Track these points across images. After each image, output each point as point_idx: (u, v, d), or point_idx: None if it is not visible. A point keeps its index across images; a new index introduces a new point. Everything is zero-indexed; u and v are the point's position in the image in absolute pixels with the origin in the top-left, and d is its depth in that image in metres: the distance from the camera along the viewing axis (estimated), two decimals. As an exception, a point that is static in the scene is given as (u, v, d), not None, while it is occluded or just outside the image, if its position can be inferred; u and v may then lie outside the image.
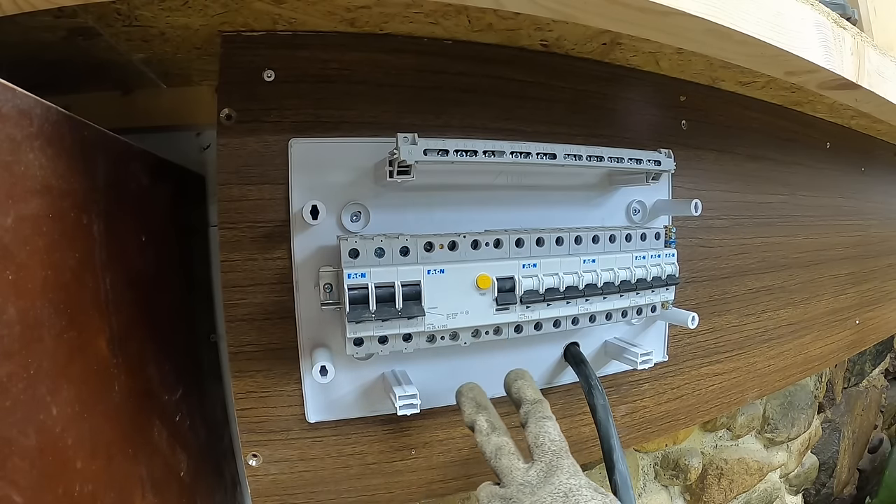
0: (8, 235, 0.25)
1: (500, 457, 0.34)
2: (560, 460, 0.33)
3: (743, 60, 0.42)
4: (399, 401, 0.38)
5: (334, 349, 0.41)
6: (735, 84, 0.58)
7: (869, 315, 0.90)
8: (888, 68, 0.51)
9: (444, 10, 0.37)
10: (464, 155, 0.36)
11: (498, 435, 0.35)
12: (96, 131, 0.34)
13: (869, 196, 0.88)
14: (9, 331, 0.25)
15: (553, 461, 0.33)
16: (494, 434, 0.36)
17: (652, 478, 0.93)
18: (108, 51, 0.42)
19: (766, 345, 0.69)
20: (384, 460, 0.44)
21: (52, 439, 0.27)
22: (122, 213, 0.37)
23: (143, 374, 0.39)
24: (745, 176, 0.64)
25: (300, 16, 0.37)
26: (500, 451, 0.34)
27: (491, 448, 0.35)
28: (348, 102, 0.41)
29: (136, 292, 0.38)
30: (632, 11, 0.33)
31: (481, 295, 0.38)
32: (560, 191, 0.47)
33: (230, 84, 0.38)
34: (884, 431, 1.58)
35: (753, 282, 0.66)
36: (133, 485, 0.35)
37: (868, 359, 1.44)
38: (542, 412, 0.36)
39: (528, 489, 0.32)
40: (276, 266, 0.39)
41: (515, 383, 0.40)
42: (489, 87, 0.45)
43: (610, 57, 0.49)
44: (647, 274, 0.45)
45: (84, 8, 0.34)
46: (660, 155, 0.45)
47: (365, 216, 0.41)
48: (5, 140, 0.25)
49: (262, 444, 0.41)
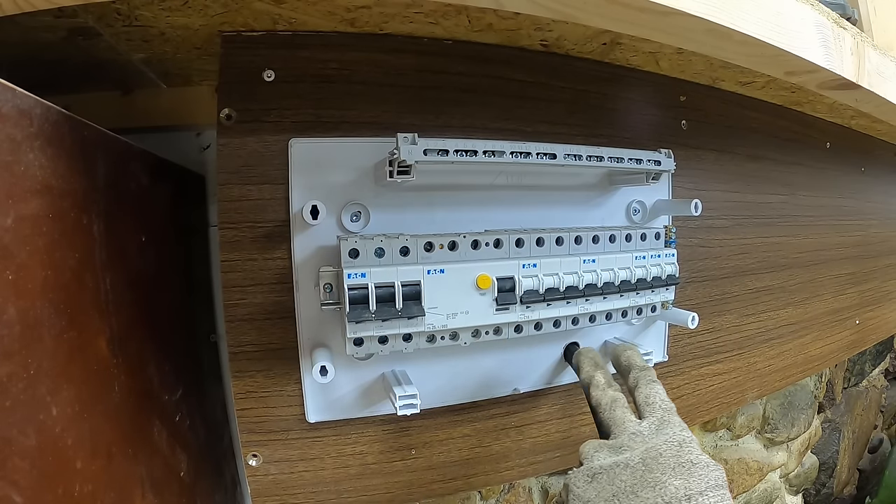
0: (8, 235, 0.25)
1: (614, 408, 0.35)
2: (671, 416, 0.34)
3: (743, 60, 0.42)
4: (399, 401, 0.38)
5: (334, 349, 0.41)
6: (735, 84, 0.58)
7: (869, 315, 0.90)
8: (888, 68, 0.51)
9: (444, 10, 0.37)
10: (464, 155, 0.36)
11: (614, 389, 0.37)
12: (96, 131, 0.34)
13: (869, 196, 0.88)
14: (9, 331, 0.25)
15: (665, 417, 0.34)
16: (611, 388, 0.37)
17: (652, 478, 0.93)
18: (108, 51, 0.42)
19: (766, 345, 0.69)
20: (384, 460, 0.44)
21: (52, 439, 0.27)
22: (122, 213, 0.37)
23: (143, 374, 0.39)
24: (745, 176, 0.64)
25: (300, 16, 0.37)
26: (616, 403, 0.36)
27: (607, 399, 0.36)
28: (348, 102, 0.41)
29: (136, 292, 0.38)
30: (632, 11, 0.33)
31: (481, 295, 0.38)
32: (560, 191, 0.47)
33: (230, 84, 0.38)
34: (884, 431, 1.58)
35: (753, 282, 0.66)
36: (133, 485, 0.35)
37: (868, 359, 1.44)
38: (651, 377, 0.38)
39: (639, 438, 0.32)
40: (276, 266, 0.39)
41: (625, 353, 0.42)
42: (489, 87, 0.45)
43: (610, 57, 0.49)
44: (647, 274, 0.45)
45: (84, 8, 0.34)
46: (660, 155, 0.45)
47: (365, 216, 0.41)
48: (5, 140, 0.25)
49: (262, 444, 0.41)
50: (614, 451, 0.32)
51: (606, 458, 0.32)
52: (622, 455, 0.32)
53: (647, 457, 0.31)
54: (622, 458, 0.31)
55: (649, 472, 0.30)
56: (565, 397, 0.51)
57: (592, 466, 0.32)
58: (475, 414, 0.47)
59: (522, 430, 0.50)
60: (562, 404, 0.51)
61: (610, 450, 0.32)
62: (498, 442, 0.49)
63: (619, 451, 0.32)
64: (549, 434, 0.51)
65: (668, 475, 0.30)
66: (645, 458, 0.31)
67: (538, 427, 0.50)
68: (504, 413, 0.48)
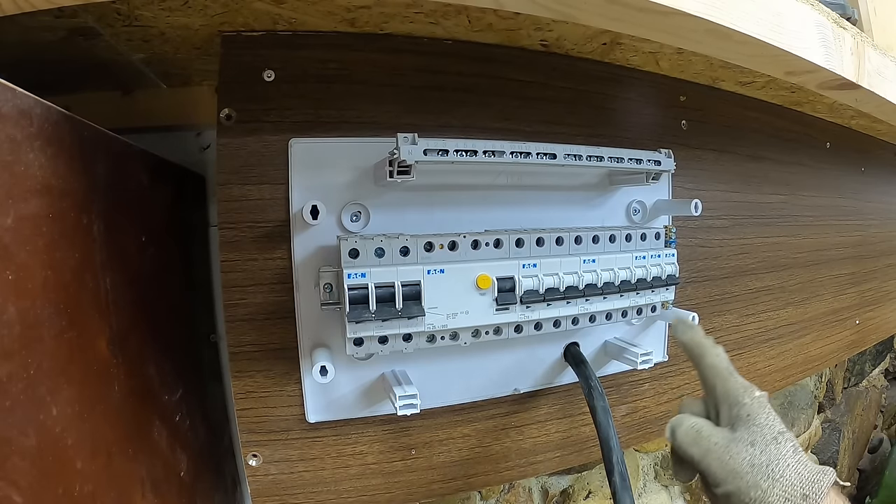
0: (8, 235, 0.25)
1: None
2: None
3: (743, 60, 0.42)
4: (399, 401, 0.38)
5: (334, 349, 0.41)
6: (735, 84, 0.58)
7: (869, 315, 0.90)
8: (888, 68, 0.51)
9: (444, 10, 0.37)
10: (464, 155, 0.36)
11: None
12: (96, 131, 0.34)
13: (869, 196, 0.88)
14: (9, 331, 0.25)
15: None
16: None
17: (652, 478, 0.93)
18: (108, 51, 0.42)
19: (766, 345, 0.68)
20: (384, 460, 0.44)
21: (52, 439, 0.27)
22: (122, 213, 0.37)
23: (143, 374, 0.39)
24: (745, 176, 0.64)
25: (300, 16, 0.37)
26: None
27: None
28: (348, 102, 0.41)
29: (136, 292, 0.38)
30: (632, 11, 0.33)
31: (481, 295, 0.38)
32: (560, 191, 0.47)
33: (230, 84, 0.38)
34: (884, 431, 1.58)
35: (753, 282, 0.66)
36: (133, 485, 0.35)
37: (868, 359, 1.44)
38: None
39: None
40: (276, 266, 0.39)
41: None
42: (489, 87, 0.45)
43: (610, 57, 0.49)
44: (647, 274, 0.45)
45: (84, 8, 0.34)
46: (660, 155, 0.45)
47: (365, 216, 0.41)
48: (5, 140, 0.25)
49: (262, 444, 0.41)
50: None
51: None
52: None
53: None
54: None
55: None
56: (565, 397, 0.51)
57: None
58: (475, 414, 0.47)
59: (522, 430, 0.50)
60: (562, 404, 0.51)
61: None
62: (498, 442, 0.49)
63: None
64: (549, 434, 0.51)
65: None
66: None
67: (538, 427, 0.50)
68: (504, 413, 0.48)
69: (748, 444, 0.31)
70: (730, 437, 0.32)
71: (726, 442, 0.32)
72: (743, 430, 0.32)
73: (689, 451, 0.33)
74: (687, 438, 0.34)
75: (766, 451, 0.31)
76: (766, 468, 0.30)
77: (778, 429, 0.32)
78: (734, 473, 0.31)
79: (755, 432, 0.32)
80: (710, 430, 0.33)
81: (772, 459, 0.30)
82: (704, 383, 0.37)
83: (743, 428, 0.32)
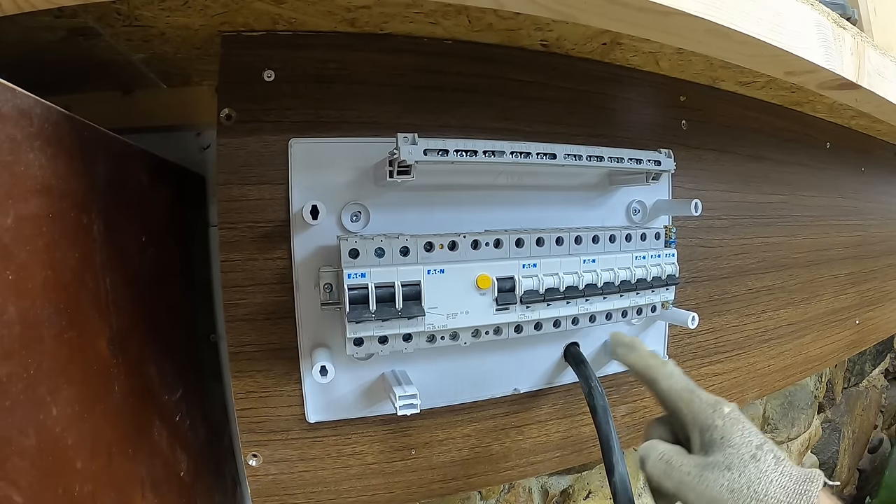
0: (8, 235, 0.25)
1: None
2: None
3: (743, 60, 0.42)
4: (399, 401, 0.38)
5: (334, 349, 0.41)
6: (735, 84, 0.58)
7: (869, 315, 0.90)
8: (888, 68, 0.51)
9: (444, 10, 0.37)
10: (464, 155, 0.36)
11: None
12: (96, 131, 0.34)
13: (869, 196, 0.88)
14: (9, 331, 0.25)
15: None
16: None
17: (652, 478, 0.93)
18: (108, 51, 0.42)
19: (766, 345, 0.68)
20: (384, 460, 0.44)
21: (52, 439, 0.27)
22: (122, 213, 0.37)
23: (143, 374, 0.39)
24: (745, 176, 0.64)
25: (300, 16, 0.37)
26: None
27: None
28: (348, 102, 0.41)
29: (136, 292, 0.38)
30: (632, 11, 0.33)
31: (481, 295, 0.38)
32: (560, 191, 0.47)
33: (230, 84, 0.38)
34: (884, 431, 1.58)
35: (753, 282, 0.66)
36: (133, 485, 0.35)
37: (868, 359, 1.44)
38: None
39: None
40: (276, 266, 0.39)
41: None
42: (489, 87, 0.45)
43: (610, 57, 0.49)
44: (647, 274, 0.45)
45: (84, 8, 0.34)
46: (660, 155, 0.45)
47: (365, 216, 0.41)
48: (5, 140, 0.25)
49: (262, 444, 0.41)
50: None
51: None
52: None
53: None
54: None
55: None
56: (565, 397, 0.51)
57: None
58: (475, 414, 0.47)
59: (522, 430, 0.50)
60: (562, 404, 0.51)
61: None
62: (498, 442, 0.49)
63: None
64: (549, 434, 0.51)
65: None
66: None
67: (538, 427, 0.50)
68: (504, 413, 0.48)
69: (724, 469, 0.29)
70: (703, 463, 0.30)
71: (699, 470, 0.30)
72: (718, 454, 0.30)
73: (662, 484, 0.31)
74: (656, 471, 0.32)
75: (744, 473, 0.29)
76: (747, 490, 0.28)
77: (756, 443, 0.30)
78: (714, 502, 0.29)
79: (731, 454, 0.30)
80: (680, 460, 0.31)
81: (752, 480, 0.29)
82: (665, 407, 0.35)
83: (718, 452, 0.30)
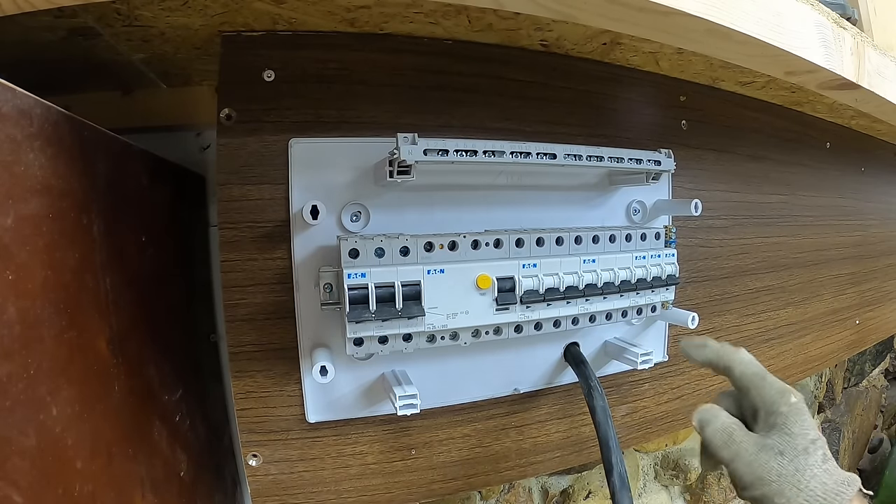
0: (8, 235, 0.25)
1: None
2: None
3: (743, 60, 0.42)
4: (399, 401, 0.38)
5: (334, 349, 0.41)
6: (735, 84, 0.58)
7: (869, 315, 0.90)
8: (888, 68, 0.51)
9: (444, 10, 0.37)
10: (464, 155, 0.36)
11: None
12: (96, 131, 0.34)
13: (869, 196, 0.88)
14: (9, 331, 0.25)
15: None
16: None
17: (652, 478, 0.93)
18: (108, 51, 0.42)
19: (766, 345, 0.68)
20: (384, 460, 0.44)
21: (52, 439, 0.27)
22: (122, 213, 0.37)
23: (143, 374, 0.39)
24: (745, 176, 0.64)
25: (300, 16, 0.37)
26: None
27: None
28: (348, 102, 0.41)
29: (136, 292, 0.38)
30: (632, 11, 0.33)
31: (481, 295, 0.38)
32: (560, 191, 0.47)
33: (230, 84, 0.38)
34: (884, 431, 1.58)
35: (753, 282, 0.66)
36: (133, 485, 0.35)
37: (868, 359, 1.44)
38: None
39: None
40: (276, 266, 0.39)
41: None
42: (489, 87, 0.45)
43: (610, 57, 0.49)
44: (647, 274, 0.45)
45: (84, 8, 0.34)
46: (660, 155, 0.45)
47: (365, 216, 0.41)
48: (5, 140, 0.25)
49: (262, 444, 0.41)
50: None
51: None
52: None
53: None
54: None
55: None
56: (565, 397, 0.51)
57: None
58: (475, 414, 0.47)
59: (522, 430, 0.50)
60: (562, 404, 0.51)
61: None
62: (498, 442, 0.49)
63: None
64: (549, 434, 0.51)
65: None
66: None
67: (538, 427, 0.50)
68: (504, 413, 0.48)
69: (777, 454, 0.32)
70: (761, 443, 0.33)
71: (756, 449, 0.32)
72: (775, 438, 0.32)
73: (718, 452, 0.34)
74: (717, 440, 0.34)
75: (794, 461, 0.31)
76: (792, 478, 0.31)
77: (811, 437, 0.32)
78: (761, 480, 0.31)
79: (787, 442, 0.32)
80: (741, 435, 0.34)
81: (799, 469, 0.31)
82: (738, 388, 0.37)
83: (776, 436, 0.33)
